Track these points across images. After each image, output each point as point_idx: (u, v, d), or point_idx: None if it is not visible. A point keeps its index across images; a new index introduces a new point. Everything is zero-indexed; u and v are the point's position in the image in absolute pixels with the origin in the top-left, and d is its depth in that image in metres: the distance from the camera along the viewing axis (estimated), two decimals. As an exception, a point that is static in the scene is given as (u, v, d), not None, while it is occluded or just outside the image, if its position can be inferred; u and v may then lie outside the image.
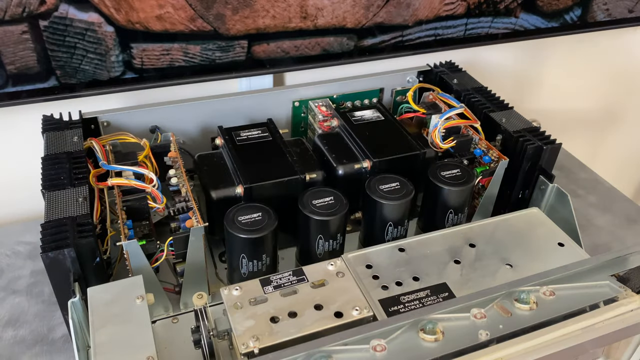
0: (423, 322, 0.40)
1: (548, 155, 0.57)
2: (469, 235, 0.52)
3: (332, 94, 0.69)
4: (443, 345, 0.39)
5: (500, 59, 0.88)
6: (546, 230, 0.54)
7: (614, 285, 0.45)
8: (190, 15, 0.61)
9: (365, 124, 0.64)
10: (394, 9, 0.71)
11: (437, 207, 0.57)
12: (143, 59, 0.62)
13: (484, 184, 0.59)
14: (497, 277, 0.48)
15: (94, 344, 0.39)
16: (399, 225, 0.54)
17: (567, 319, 0.41)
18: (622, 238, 0.68)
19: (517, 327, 0.40)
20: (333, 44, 0.70)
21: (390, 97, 0.73)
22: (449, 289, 0.47)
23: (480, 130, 0.62)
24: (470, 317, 0.41)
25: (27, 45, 0.57)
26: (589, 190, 0.76)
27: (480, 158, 0.61)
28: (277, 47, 0.68)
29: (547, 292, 0.43)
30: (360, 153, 0.59)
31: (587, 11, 0.84)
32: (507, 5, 0.78)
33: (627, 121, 1.11)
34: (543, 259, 0.51)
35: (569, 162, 0.82)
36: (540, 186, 0.58)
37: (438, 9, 0.74)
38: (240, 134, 0.60)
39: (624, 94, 1.06)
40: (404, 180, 0.55)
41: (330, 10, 0.67)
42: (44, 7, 0.55)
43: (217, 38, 0.64)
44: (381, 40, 0.73)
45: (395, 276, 0.48)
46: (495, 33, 0.80)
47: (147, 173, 0.52)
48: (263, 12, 0.64)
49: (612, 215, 0.71)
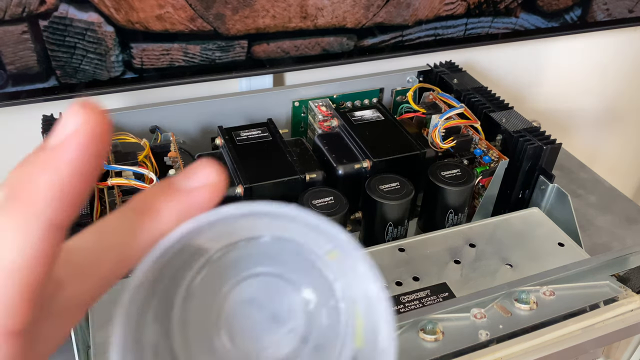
0: (423, 322, 0.40)
1: (548, 155, 0.57)
2: (469, 235, 0.52)
3: (332, 94, 0.69)
4: (443, 345, 0.39)
5: (500, 59, 0.88)
6: (546, 230, 0.54)
7: (614, 285, 0.45)
8: (190, 15, 0.61)
9: (365, 124, 0.64)
10: (394, 9, 0.71)
11: (437, 207, 0.57)
12: (143, 59, 0.62)
13: (484, 184, 0.59)
14: (497, 277, 0.48)
15: (94, 344, 0.39)
16: (399, 225, 0.54)
17: (567, 319, 0.41)
18: (622, 238, 0.68)
19: (517, 327, 0.40)
20: (333, 44, 0.70)
21: (390, 97, 0.73)
22: (449, 289, 0.47)
23: (480, 130, 0.62)
24: (470, 317, 0.41)
25: (27, 45, 0.57)
26: (589, 190, 0.76)
27: (480, 158, 0.61)
28: (277, 47, 0.68)
29: (547, 292, 0.43)
30: (360, 153, 0.59)
31: (587, 11, 0.84)
32: (507, 5, 0.78)
33: (628, 121, 1.11)
34: (543, 258, 0.51)
35: (569, 162, 0.82)
36: (540, 186, 0.58)
37: (438, 9, 0.74)
38: (240, 134, 0.60)
39: (624, 94, 1.06)
40: (404, 180, 0.55)
41: (330, 10, 0.67)
42: (44, 7, 0.55)
43: (217, 38, 0.64)
44: (381, 40, 0.73)
45: (395, 276, 0.48)
46: (495, 33, 0.80)
47: (147, 173, 0.52)
48: (263, 12, 0.64)
49: (612, 215, 0.71)
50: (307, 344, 0.22)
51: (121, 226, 0.18)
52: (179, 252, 0.19)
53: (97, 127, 0.15)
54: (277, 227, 0.21)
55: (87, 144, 0.15)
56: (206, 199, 0.19)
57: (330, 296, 0.22)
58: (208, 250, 0.21)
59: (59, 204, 0.15)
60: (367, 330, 0.21)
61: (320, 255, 0.21)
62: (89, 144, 0.15)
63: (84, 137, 0.15)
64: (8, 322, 0.14)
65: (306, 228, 0.20)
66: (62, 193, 0.15)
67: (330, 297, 0.22)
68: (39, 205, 0.14)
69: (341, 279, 0.21)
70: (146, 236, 0.18)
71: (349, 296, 0.21)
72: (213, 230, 0.20)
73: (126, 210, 0.18)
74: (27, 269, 0.14)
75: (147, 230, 0.18)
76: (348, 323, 0.22)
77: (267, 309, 0.22)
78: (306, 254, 0.22)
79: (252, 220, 0.20)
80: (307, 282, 0.22)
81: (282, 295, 0.22)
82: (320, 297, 0.22)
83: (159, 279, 0.19)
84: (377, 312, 0.20)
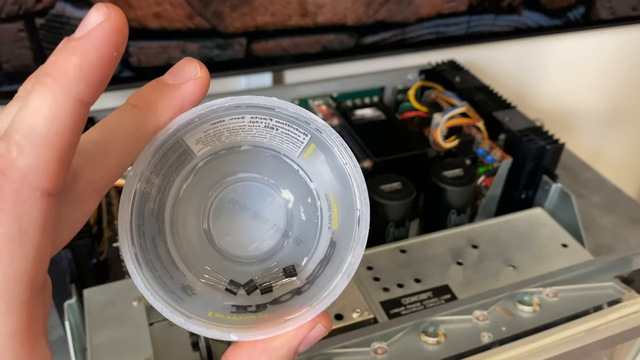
0: (425, 324, 0.39)
1: (551, 155, 0.57)
2: (471, 236, 0.52)
3: (332, 93, 0.68)
4: (445, 348, 0.38)
5: (502, 57, 0.88)
6: (549, 231, 0.53)
7: (618, 287, 0.44)
8: (188, 12, 0.60)
9: (366, 123, 0.63)
10: (395, 6, 0.70)
11: (439, 208, 0.56)
12: (140, 57, 0.62)
13: (487, 184, 0.59)
14: (500, 279, 0.48)
15: (91, 346, 0.38)
16: (400, 226, 0.54)
17: (571, 321, 0.41)
18: (626, 239, 0.67)
19: (520, 329, 0.40)
20: (333, 42, 0.70)
21: (391, 96, 0.72)
22: (451, 291, 0.46)
23: (483, 130, 0.61)
24: (472, 319, 0.40)
25: (23, 44, 0.56)
26: (593, 191, 0.76)
27: (483, 158, 0.60)
28: (277, 45, 0.67)
29: (551, 293, 0.42)
30: (361, 152, 0.58)
31: (590, 9, 0.84)
32: (509, 2, 0.77)
33: (632, 120, 1.10)
34: (546, 260, 0.50)
35: (573, 162, 0.81)
36: (543, 186, 0.58)
37: (440, 6, 0.73)
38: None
39: (629, 93, 1.05)
40: (406, 180, 0.54)
41: (330, 7, 0.66)
42: (41, 4, 0.55)
43: (216, 36, 0.63)
44: (382, 38, 0.72)
45: (397, 278, 0.47)
46: (497, 31, 0.79)
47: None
48: (262, 10, 0.63)
49: (616, 215, 0.71)
50: (288, 238, 0.25)
51: (123, 121, 0.20)
52: (173, 148, 0.22)
53: (119, 22, 0.18)
54: (257, 132, 0.23)
55: (110, 33, 0.18)
56: (194, 91, 0.21)
57: (307, 194, 0.25)
58: (195, 155, 0.23)
59: (86, 83, 0.17)
60: (342, 212, 0.23)
61: (296, 158, 0.24)
62: (112, 34, 0.18)
63: (108, 28, 0.17)
64: (45, 182, 0.17)
65: (286, 119, 0.22)
66: (88, 73, 0.17)
67: (307, 195, 0.25)
68: (70, 81, 0.17)
69: (316, 176, 0.24)
70: (146, 129, 0.21)
71: (325, 188, 0.24)
72: (201, 130, 0.22)
73: (126, 107, 0.21)
74: (60, 135, 0.17)
75: (146, 123, 0.21)
76: (324, 214, 0.24)
77: (251, 209, 0.25)
78: (283, 158, 0.24)
79: (238, 117, 0.22)
80: (285, 184, 0.25)
81: (263, 197, 0.25)
82: (298, 196, 0.25)
83: (155, 172, 0.22)
84: (350, 188, 0.22)
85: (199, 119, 0.21)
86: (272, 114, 0.22)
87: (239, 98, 0.21)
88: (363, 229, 0.21)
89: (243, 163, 0.25)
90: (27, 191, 0.16)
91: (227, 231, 0.25)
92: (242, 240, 0.25)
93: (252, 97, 0.21)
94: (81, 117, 0.17)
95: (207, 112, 0.21)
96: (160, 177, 0.22)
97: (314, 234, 0.25)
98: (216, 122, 0.22)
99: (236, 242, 0.25)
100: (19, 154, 0.16)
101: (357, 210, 0.22)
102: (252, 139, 0.23)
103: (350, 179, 0.22)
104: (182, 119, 0.21)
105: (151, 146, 0.20)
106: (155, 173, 0.22)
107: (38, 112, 0.17)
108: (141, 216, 0.21)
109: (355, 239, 0.22)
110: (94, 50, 0.17)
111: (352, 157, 0.21)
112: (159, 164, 0.22)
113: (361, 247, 0.21)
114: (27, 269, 0.17)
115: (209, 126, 0.22)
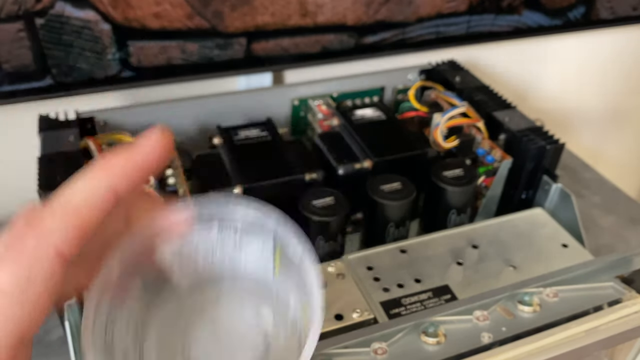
0: (425, 324, 0.39)
1: (552, 155, 0.57)
2: (471, 236, 0.52)
3: (332, 93, 0.68)
4: (445, 348, 0.38)
5: (502, 57, 0.87)
6: (550, 231, 0.53)
7: (618, 287, 0.44)
8: (188, 12, 0.60)
9: (366, 123, 0.63)
10: (395, 6, 0.70)
11: (439, 208, 0.56)
12: (140, 57, 0.61)
13: (487, 184, 0.59)
14: (500, 279, 0.48)
15: (89, 347, 0.38)
16: (400, 226, 0.54)
17: (571, 321, 0.41)
18: (627, 239, 0.67)
19: (520, 329, 0.40)
20: (333, 42, 0.70)
21: (391, 96, 0.72)
22: (451, 291, 0.46)
23: (483, 130, 0.61)
24: (472, 320, 0.40)
25: (23, 44, 0.56)
26: (593, 191, 0.76)
27: (483, 158, 0.60)
28: (277, 45, 0.67)
29: (551, 293, 0.42)
30: (361, 153, 0.58)
31: (590, 9, 0.84)
32: (510, 2, 0.77)
33: (632, 120, 1.10)
34: (546, 260, 0.50)
35: (573, 162, 0.81)
36: (543, 186, 0.58)
37: (440, 6, 0.73)
38: (238, 134, 0.59)
39: (629, 93, 1.05)
40: (406, 180, 0.54)
41: (330, 7, 0.66)
42: (40, 4, 0.55)
43: (215, 36, 0.63)
44: (382, 38, 0.72)
45: (397, 278, 0.47)
46: (497, 31, 0.79)
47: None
48: (262, 9, 0.63)
49: (617, 215, 0.71)
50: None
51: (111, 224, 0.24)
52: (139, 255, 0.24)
53: (165, 150, 0.24)
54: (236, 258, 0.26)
55: (157, 153, 0.24)
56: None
57: (287, 311, 0.27)
58: (170, 278, 0.25)
59: (124, 184, 0.22)
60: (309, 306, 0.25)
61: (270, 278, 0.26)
62: (158, 154, 0.24)
63: (157, 148, 0.24)
64: (61, 245, 0.20)
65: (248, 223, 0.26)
66: (128, 174, 0.22)
67: (287, 311, 0.27)
68: (114, 174, 0.22)
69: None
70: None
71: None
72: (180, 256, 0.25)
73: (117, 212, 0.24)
74: (87, 211, 0.21)
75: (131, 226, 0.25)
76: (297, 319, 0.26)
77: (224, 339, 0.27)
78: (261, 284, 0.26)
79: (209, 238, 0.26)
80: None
81: (239, 325, 0.27)
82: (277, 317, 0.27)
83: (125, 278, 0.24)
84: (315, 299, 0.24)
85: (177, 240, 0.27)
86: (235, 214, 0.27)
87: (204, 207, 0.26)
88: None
89: (223, 296, 0.27)
90: (45, 247, 0.20)
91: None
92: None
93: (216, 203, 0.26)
94: (112, 203, 0.22)
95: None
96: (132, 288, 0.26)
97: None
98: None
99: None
100: (50, 215, 0.20)
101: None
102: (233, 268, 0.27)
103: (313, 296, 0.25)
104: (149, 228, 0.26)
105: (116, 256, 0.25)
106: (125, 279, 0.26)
107: (77, 190, 0.21)
108: (109, 333, 0.24)
109: None
110: (140, 157, 0.23)
111: (316, 273, 0.25)
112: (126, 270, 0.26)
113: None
114: (22, 315, 0.19)
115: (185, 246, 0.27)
